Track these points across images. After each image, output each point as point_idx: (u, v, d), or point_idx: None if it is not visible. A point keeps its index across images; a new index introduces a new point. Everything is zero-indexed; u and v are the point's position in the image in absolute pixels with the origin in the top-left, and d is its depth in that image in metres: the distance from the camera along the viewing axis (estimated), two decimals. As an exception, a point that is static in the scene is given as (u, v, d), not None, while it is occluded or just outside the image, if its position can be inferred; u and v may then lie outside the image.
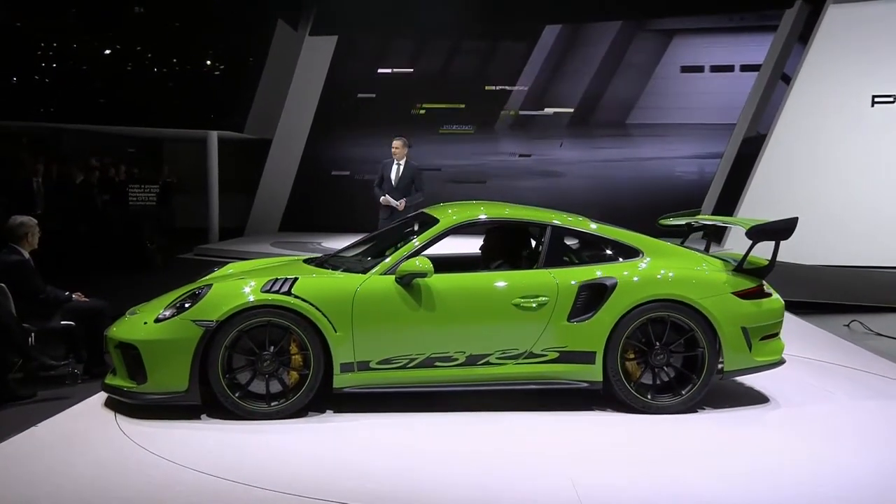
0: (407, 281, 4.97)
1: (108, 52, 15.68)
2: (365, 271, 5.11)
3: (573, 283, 5.04)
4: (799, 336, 7.56)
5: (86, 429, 4.74)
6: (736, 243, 11.31)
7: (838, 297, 9.64)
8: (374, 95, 16.75)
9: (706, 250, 5.95)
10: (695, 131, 16.34)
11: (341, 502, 3.74)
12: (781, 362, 5.33)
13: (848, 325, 8.30)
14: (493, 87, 16.66)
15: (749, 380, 5.69)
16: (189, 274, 5.41)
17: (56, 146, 15.75)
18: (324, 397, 5.03)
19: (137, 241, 12.50)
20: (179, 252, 13.46)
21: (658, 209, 6.62)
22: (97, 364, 5.87)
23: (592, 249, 5.55)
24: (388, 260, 5.14)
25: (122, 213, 12.84)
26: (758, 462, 4.31)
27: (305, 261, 5.76)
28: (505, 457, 4.39)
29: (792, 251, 11.74)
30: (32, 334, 5.64)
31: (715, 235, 7.58)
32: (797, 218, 5.24)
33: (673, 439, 4.68)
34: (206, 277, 5.64)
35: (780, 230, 5.23)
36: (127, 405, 5.04)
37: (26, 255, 5.92)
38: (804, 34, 14.44)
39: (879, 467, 4.25)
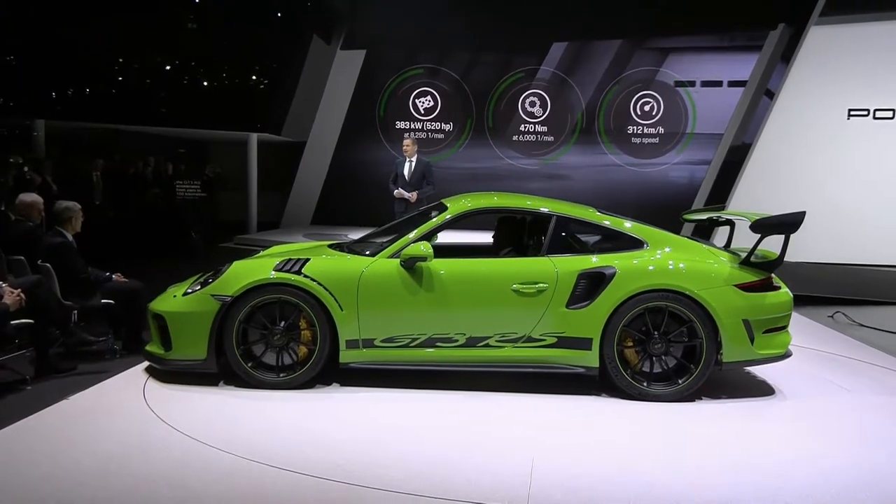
0: (410, 264, 4.62)
1: (167, 66, 15.54)
2: (374, 255, 4.76)
3: (573, 271, 4.60)
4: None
5: (113, 402, 4.40)
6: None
7: (820, 290, 9.19)
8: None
9: (728, 244, 5.48)
10: (686, 140, 15.90)
11: (309, 475, 3.44)
12: (787, 355, 4.74)
13: (832, 317, 7.90)
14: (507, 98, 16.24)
15: (758, 371, 5.25)
16: (227, 261, 5.12)
17: (115, 145, 15.61)
18: (333, 371, 4.72)
19: (183, 230, 12.27)
20: (221, 241, 13.28)
21: (653, 208, 6.17)
22: (135, 340, 5.59)
23: (598, 240, 5.08)
24: (394, 244, 4.79)
25: (169, 205, 12.73)
26: (726, 455, 3.77)
27: (330, 245, 5.41)
28: (482, 435, 3.97)
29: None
30: (75, 311, 5.34)
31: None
32: (804, 212, 4.67)
33: (649, 427, 4.18)
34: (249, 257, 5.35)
35: (786, 224, 4.66)
36: (158, 375, 4.84)
37: (69, 237, 5.64)
38: (786, 53, 14.05)
39: (851, 465, 3.71)
